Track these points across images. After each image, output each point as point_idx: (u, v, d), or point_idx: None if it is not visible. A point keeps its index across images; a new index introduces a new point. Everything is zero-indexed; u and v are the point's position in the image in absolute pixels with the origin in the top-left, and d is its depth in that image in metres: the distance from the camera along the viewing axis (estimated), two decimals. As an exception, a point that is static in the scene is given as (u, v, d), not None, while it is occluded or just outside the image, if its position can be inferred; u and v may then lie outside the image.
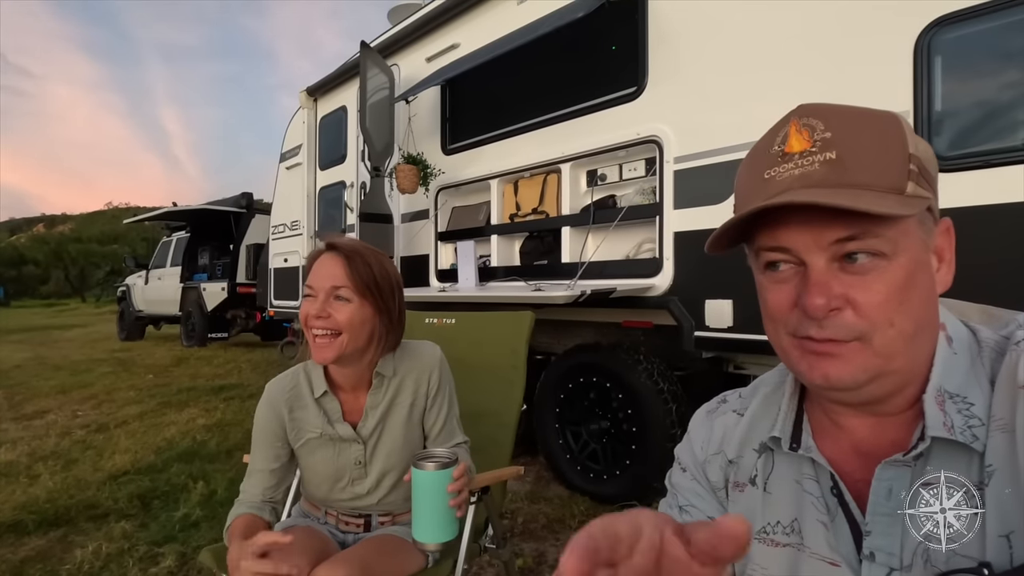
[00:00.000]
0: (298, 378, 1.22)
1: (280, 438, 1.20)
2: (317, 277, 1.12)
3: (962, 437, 0.45)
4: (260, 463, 1.20)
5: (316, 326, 1.10)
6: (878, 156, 0.46)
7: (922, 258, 0.48)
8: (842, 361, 0.47)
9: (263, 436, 1.20)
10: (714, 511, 0.62)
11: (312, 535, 1.16)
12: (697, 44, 2.32)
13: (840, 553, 0.50)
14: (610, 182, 2.80)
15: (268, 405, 1.21)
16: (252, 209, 8.67)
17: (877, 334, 0.46)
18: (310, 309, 1.10)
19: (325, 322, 1.09)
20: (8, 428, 4.03)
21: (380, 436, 1.21)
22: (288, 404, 1.20)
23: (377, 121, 3.60)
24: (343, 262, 1.11)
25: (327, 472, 1.21)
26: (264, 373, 6.12)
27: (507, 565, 1.54)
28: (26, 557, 2.11)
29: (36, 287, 43.66)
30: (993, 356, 0.48)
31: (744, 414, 0.62)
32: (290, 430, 1.20)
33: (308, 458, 1.21)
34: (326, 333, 1.10)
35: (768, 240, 0.50)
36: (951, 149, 1.72)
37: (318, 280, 1.11)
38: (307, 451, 1.21)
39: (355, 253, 1.13)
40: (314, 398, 1.19)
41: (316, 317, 1.09)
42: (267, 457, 1.19)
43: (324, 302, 1.10)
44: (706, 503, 0.63)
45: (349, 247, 1.14)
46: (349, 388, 1.21)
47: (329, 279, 1.11)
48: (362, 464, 1.21)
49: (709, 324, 2.22)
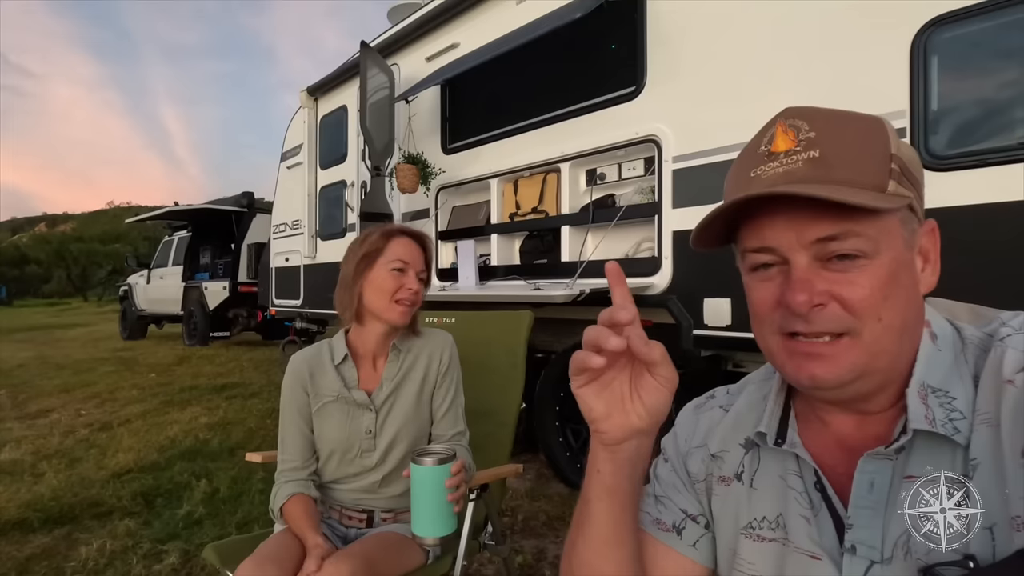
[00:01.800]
0: (321, 347, 1.36)
1: (307, 404, 1.30)
2: (410, 255, 1.30)
3: (943, 430, 0.46)
4: (292, 429, 1.29)
5: (407, 297, 1.28)
6: (860, 155, 0.47)
7: (905, 257, 0.49)
8: (830, 361, 0.48)
9: (291, 405, 1.30)
10: (687, 504, 0.63)
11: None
12: (696, 44, 2.33)
13: (822, 546, 0.51)
14: (609, 181, 2.81)
15: (292, 374, 1.31)
16: (253, 208, 8.69)
17: (866, 328, 0.47)
18: (408, 283, 1.28)
19: (415, 295, 1.29)
20: (12, 427, 4.05)
21: (392, 407, 1.29)
22: (310, 369, 1.31)
23: (377, 121, 3.61)
24: (421, 248, 1.33)
25: (339, 438, 1.27)
26: (266, 372, 6.15)
27: (506, 562, 1.56)
28: (32, 554, 2.13)
29: (38, 286, 43.72)
30: (977, 353, 0.49)
31: (729, 410, 0.64)
32: (311, 394, 1.29)
33: (323, 424, 1.29)
34: (411, 303, 1.29)
35: (753, 240, 0.51)
36: (947, 148, 1.72)
37: (412, 258, 1.30)
38: (323, 416, 1.29)
39: (426, 239, 1.36)
40: (334, 364, 1.31)
41: (414, 291, 1.29)
42: (297, 424, 1.29)
43: (416, 280, 1.30)
44: (681, 496, 0.64)
45: (421, 234, 1.35)
46: (369, 357, 1.33)
47: (419, 260, 1.32)
48: (372, 434, 1.27)
49: (707, 323, 2.23)
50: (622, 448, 0.52)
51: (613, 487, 0.54)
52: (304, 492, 1.24)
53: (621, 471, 0.54)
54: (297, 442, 1.29)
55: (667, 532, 0.63)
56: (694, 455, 0.64)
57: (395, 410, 1.29)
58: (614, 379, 0.51)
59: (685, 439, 0.66)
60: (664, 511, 0.64)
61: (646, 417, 0.51)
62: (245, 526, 2.29)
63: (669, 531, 0.63)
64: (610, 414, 0.51)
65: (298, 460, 1.28)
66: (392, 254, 1.28)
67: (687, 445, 0.65)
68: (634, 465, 0.54)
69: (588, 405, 0.51)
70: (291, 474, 1.27)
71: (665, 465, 0.67)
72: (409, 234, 1.33)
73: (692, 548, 0.62)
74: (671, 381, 0.51)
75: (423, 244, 1.34)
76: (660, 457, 0.69)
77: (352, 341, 1.34)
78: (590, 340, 0.48)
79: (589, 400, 0.51)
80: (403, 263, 1.28)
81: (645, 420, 0.51)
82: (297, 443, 1.28)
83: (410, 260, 1.29)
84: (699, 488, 0.63)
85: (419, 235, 1.34)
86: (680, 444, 0.66)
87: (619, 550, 0.56)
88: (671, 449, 0.67)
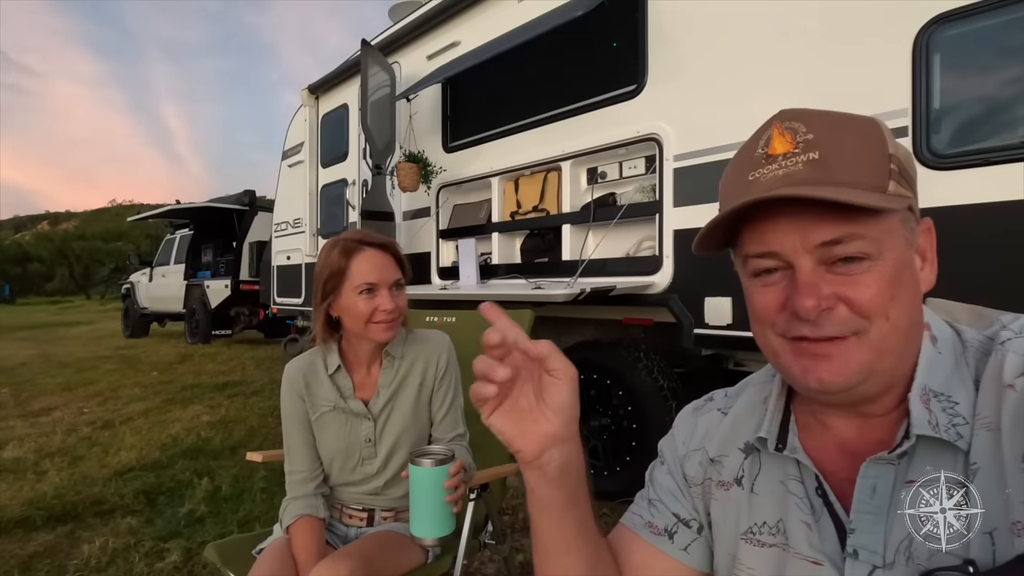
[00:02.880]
0: (314, 356, 1.30)
1: (306, 413, 1.27)
2: (378, 273, 1.19)
3: (947, 435, 0.46)
4: (296, 439, 1.26)
5: (386, 318, 1.19)
6: (859, 156, 0.47)
7: (907, 257, 0.49)
8: (838, 362, 0.47)
9: (292, 415, 1.27)
10: (680, 509, 0.63)
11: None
12: (697, 42, 2.32)
13: (824, 552, 0.51)
14: (610, 180, 2.80)
15: (288, 384, 1.28)
16: (255, 206, 8.70)
17: (874, 327, 0.47)
18: (382, 304, 1.18)
19: (394, 312, 1.20)
20: (15, 425, 4.07)
21: (390, 415, 1.27)
22: (305, 379, 1.27)
23: (378, 119, 3.61)
24: (389, 255, 1.22)
25: (339, 448, 1.26)
26: (268, 370, 6.15)
27: (507, 561, 1.57)
28: (34, 552, 2.14)
29: (41, 284, 43.84)
30: (978, 356, 0.49)
31: (728, 413, 0.63)
32: (308, 404, 1.27)
33: (322, 433, 1.27)
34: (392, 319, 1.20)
35: (755, 245, 0.50)
36: (950, 147, 1.72)
37: (380, 276, 1.19)
38: (321, 425, 1.27)
39: (391, 244, 1.25)
40: (328, 374, 1.27)
41: (390, 311, 1.19)
42: (301, 433, 1.26)
43: (391, 296, 1.20)
44: (675, 501, 0.64)
45: (384, 241, 1.24)
46: (362, 366, 1.29)
47: (391, 272, 1.21)
48: (372, 442, 1.26)
49: (708, 321, 2.22)
50: (543, 462, 0.51)
51: (548, 502, 0.53)
52: (313, 514, 1.20)
53: (551, 485, 0.52)
54: (302, 450, 1.26)
55: (659, 536, 0.63)
56: (692, 458, 0.64)
57: (393, 417, 1.27)
58: (518, 397, 0.50)
59: (683, 441, 0.66)
60: (656, 515, 0.64)
61: (554, 419, 0.49)
62: (246, 524, 2.30)
63: (661, 535, 0.63)
64: (522, 430, 0.50)
65: (306, 470, 1.25)
66: (358, 276, 1.18)
67: (685, 448, 0.65)
68: (565, 476, 0.52)
69: (500, 430, 0.50)
70: (300, 487, 1.24)
71: (661, 468, 0.67)
72: (372, 244, 1.21)
73: (684, 552, 0.62)
74: (567, 372, 0.49)
75: (390, 250, 1.23)
76: (656, 460, 0.69)
77: (344, 350, 1.29)
78: (479, 372, 0.48)
79: (500, 425, 0.50)
80: (370, 284, 1.18)
81: (555, 423, 0.50)
82: (302, 451, 1.26)
83: (378, 278, 1.18)
84: (696, 492, 0.63)
85: (383, 243, 1.23)
86: (678, 446, 0.66)
87: (568, 558, 0.56)
88: (668, 452, 0.67)
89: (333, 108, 4.60)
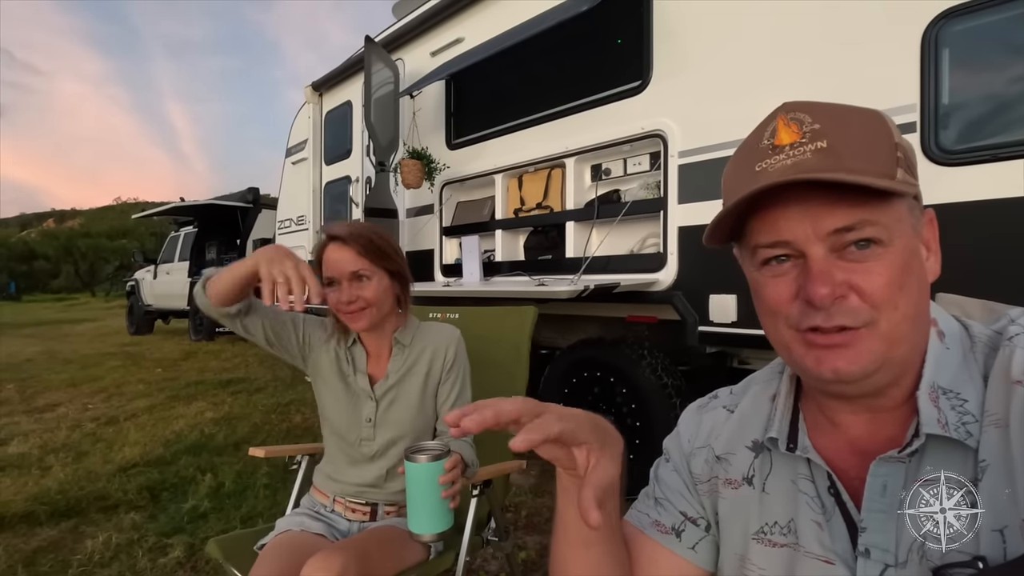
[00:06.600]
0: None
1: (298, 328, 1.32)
2: (335, 267, 1.21)
3: (956, 434, 0.45)
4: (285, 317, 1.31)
5: (345, 309, 1.21)
6: (867, 144, 0.46)
7: (914, 245, 0.49)
8: (852, 352, 0.47)
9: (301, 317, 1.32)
10: (687, 507, 0.63)
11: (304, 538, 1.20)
12: (702, 38, 2.31)
13: (835, 551, 0.50)
14: (614, 176, 2.79)
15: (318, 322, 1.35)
16: (259, 204, 8.71)
17: (883, 317, 0.46)
18: (340, 297, 1.20)
19: (355, 304, 1.21)
20: (20, 421, 4.09)
21: (393, 400, 1.29)
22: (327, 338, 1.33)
23: (382, 116, 3.61)
24: (350, 245, 1.21)
25: (339, 422, 1.29)
26: (271, 367, 6.16)
27: (509, 557, 1.56)
28: (38, 547, 2.15)
29: (47, 281, 44.06)
30: (986, 351, 0.48)
31: (734, 411, 0.63)
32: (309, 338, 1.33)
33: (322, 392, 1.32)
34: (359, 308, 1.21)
35: (765, 235, 0.49)
36: (958, 143, 1.70)
37: (336, 269, 1.21)
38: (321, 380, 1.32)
39: (356, 234, 1.22)
40: (347, 345, 1.33)
41: (347, 303, 1.20)
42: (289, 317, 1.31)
43: (349, 288, 1.20)
44: (682, 499, 0.63)
45: (348, 231, 1.23)
46: (376, 348, 1.33)
47: (347, 264, 1.20)
48: (372, 423, 1.28)
49: (713, 319, 2.21)
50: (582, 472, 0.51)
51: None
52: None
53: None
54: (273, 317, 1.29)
55: (666, 534, 0.62)
56: (698, 455, 0.63)
57: (397, 403, 1.29)
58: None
59: (688, 439, 0.65)
60: (663, 513, 0.64)
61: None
62: (249, 520, 2.30)
63: (668, 533, 0.62)
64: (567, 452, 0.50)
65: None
66: (325, 269, 1.22)
67: (691, 445, 0.64)
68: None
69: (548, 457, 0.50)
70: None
71: (667, 466, 0.66)
72: (333, 238, 1.22)
73: (691, 551, 0.62)
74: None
75: (349, 242, 1.20)
76: (661, 458, 0.68)
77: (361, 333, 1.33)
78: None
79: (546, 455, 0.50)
80: (329, 278, 1.21)
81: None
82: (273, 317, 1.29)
83: (336, 271, 1.20)
84: (703, 489, 0.62)
85: (344, 235, 1.21)
86: (684, 444, 0.65)
87: (589, 550, 0.57)
88: (674, 450, 0.66)
89: (337, 105, 4.60)
